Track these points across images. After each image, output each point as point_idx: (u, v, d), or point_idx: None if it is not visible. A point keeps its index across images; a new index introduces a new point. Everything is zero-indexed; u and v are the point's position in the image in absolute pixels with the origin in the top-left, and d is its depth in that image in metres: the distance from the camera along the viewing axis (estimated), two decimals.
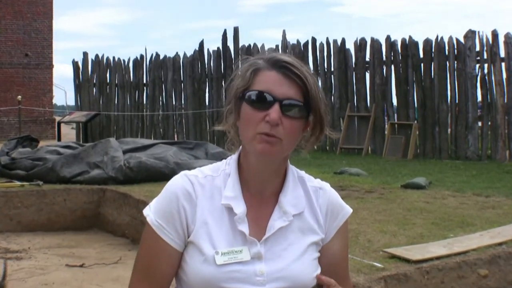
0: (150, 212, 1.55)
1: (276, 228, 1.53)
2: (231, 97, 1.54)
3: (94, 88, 16.24)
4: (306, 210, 1.58)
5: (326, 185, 1.65)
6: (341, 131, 12.87)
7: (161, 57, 15.75)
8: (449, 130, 12.08)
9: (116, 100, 16.14)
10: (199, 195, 1.53)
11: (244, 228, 1.51)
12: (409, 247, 3.98)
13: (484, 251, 3.95)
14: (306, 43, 13.93)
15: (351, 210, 1.65)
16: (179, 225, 1.51)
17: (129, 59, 16.16)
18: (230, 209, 1.52)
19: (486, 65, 11.56)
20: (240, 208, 1.52)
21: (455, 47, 11.87)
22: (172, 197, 1.52)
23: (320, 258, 1.59)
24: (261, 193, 1.56)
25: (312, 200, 1.60)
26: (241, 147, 1.57)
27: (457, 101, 11.81)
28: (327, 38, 13.54)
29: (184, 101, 15.36)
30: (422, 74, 12.24)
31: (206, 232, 1.50)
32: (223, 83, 14.67)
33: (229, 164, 1.59)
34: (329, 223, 1.60)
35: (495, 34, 11.47)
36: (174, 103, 15.54)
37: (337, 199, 1.64)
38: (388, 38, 12.73)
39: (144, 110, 15.85)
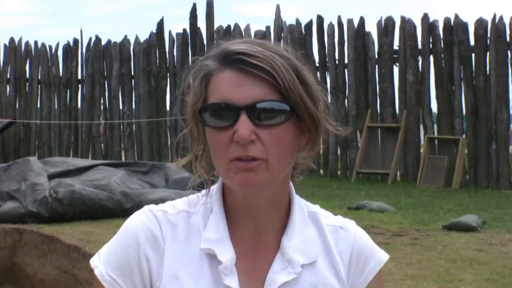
0: (99, 263, 1.56)
1: (279, 284, 1.52)
2: (189, 120, 1.55)
3: (8, 86, 16.21)
4: (321, 258, 1.58)
5: (351, 224, 1.64)
6: (358, 148, 12.93)
7: (103, 43, 15.77)
8: (510, 148, 12.16)
9: (39, 102, 16.12)
10: (168, 238, 1.54)
11: (233, 282, 1.51)
12: None
13: None
14: (309, 24, 14.00)
15: (387, 257, 1.64)
16: (139, 281, 1.53)
17: (57, 45, 16.18)
18: (212, 257, 1.53)
19: None
20: (226, 254, 1.52)
21: None
22: (131, 241, 1.54)
23: None
24: (256, 236, 1.57)
25: (330, 244, 1.59)
26: None
27: None
28: (339, 17, 13.64)
29: (135, 104, 15.36)
30: (474, 69, 12.35)
31: None
32: None
33: (211, 196, 1.59)
34: (354, 277, 1.60)
35: None
36: (121, 107, 15.54)
37: (367, 241, 1.63)
38: (425, 17, 12.83)
39: (79, 117, 15.84)
